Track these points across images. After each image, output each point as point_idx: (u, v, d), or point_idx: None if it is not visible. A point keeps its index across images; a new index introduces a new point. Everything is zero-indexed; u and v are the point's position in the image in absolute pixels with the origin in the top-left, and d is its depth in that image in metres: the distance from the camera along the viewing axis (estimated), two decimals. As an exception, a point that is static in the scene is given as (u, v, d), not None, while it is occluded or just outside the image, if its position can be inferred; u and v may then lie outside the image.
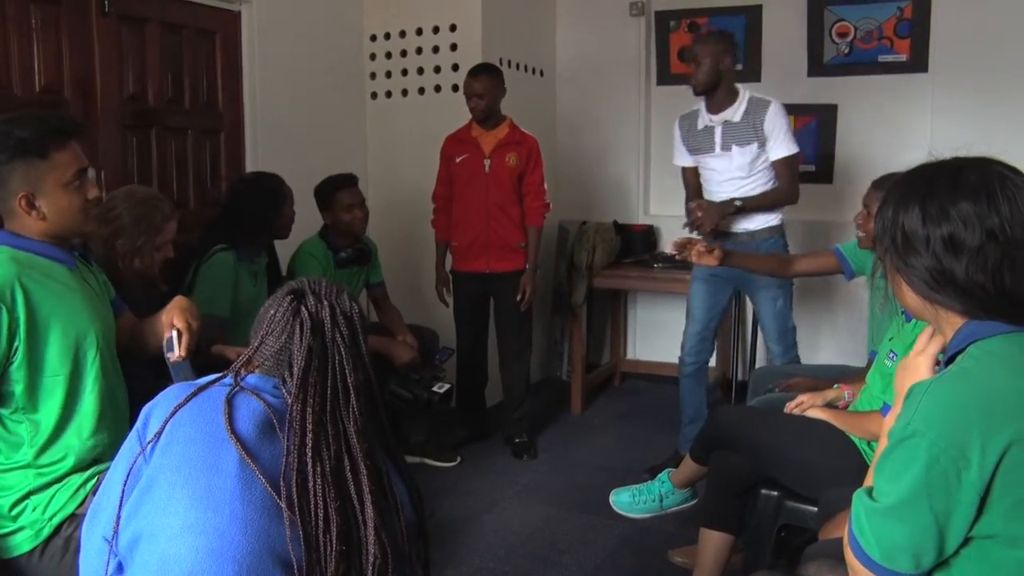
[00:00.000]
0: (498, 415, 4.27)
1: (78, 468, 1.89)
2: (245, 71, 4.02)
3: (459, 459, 3.95)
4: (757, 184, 3.49)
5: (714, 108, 3.49)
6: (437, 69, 4.59)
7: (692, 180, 3.76)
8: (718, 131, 3.47)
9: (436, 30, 4.58)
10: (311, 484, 1.23)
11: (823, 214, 4.68)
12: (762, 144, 3.41)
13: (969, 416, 1.13)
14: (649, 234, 5.05)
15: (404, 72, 4.71)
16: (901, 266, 1.28)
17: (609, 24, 5.04)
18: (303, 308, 1.32)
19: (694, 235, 3.45)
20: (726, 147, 3.45)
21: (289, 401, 1.28)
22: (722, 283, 3.59)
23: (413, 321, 4.05)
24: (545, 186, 3.98)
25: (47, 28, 3.13)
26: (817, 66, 4.78)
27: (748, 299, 4.87)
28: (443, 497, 3.56)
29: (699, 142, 3.55)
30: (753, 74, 4.91)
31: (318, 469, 1.24)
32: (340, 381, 1.30)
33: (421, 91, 4.64)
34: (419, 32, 4.63)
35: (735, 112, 3.43)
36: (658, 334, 5.27)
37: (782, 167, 3.45)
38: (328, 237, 3.67)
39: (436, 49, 4.60)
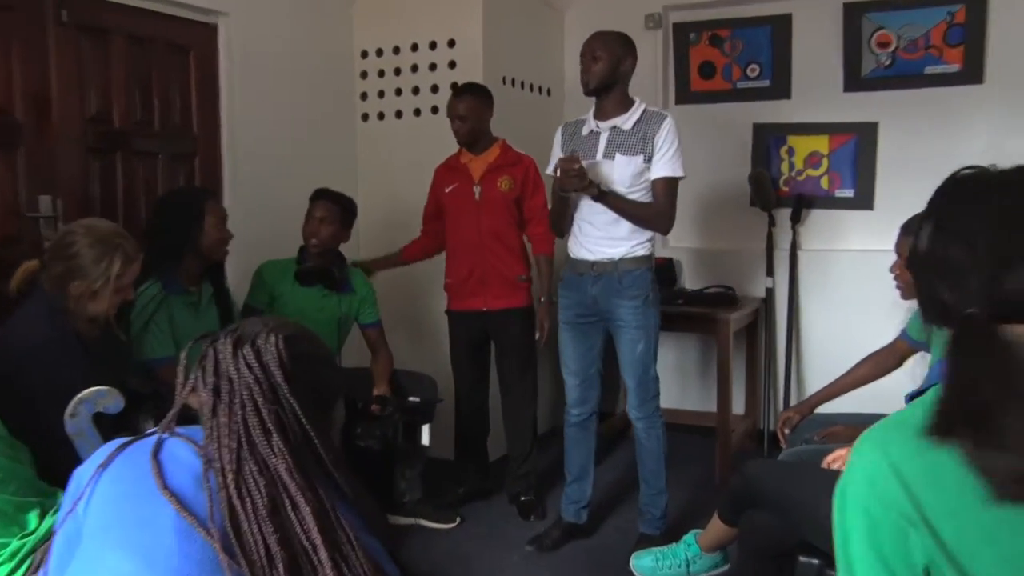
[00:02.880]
0: (502, 470, 4.19)
1: None
2: (223, 90, 4.01)
3: (459, 520, 3.89)
4: None
5: (603, 114, 3.40)
6: (435, 88, 4.57)
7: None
8: (603, 137, 3.37)
9: (433, 46, 4.58)
10: (245, 527, 1.26)
11: (864, 243, 4.63)
12: (648, 158, 3.31)
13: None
14: (669, 269, 4.97)
15: (398, 92, 4.72)
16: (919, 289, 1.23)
17: None
18: (210, 350, 1.39)
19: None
20: (609, 154, 3.34)
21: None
22: (589, 325, 3.50)
23: (410, 366, 4.00)
24: (547, 195, 3.88)
25: (-5, 38, 3.10)
26: (855, 80, 4.73)
27: (765, 337, 4.93)
28: (441, 563, 3.49)
29: (580, 147, 3.40)
30: (781, 91, 4.91)
31: (249, 509, 1.27)
32: (254, 417, 1.33)
33: (417, 112, 4.63)
34: (414, 48, 4.64)
35: (626, 120, 3.35)
36: (681, 379, 5.28)
37: (662, 187, 3.34)
38: (301, 252, 3.76)
39: (433, 67, 4.59)
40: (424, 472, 3.88)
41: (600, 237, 3.38)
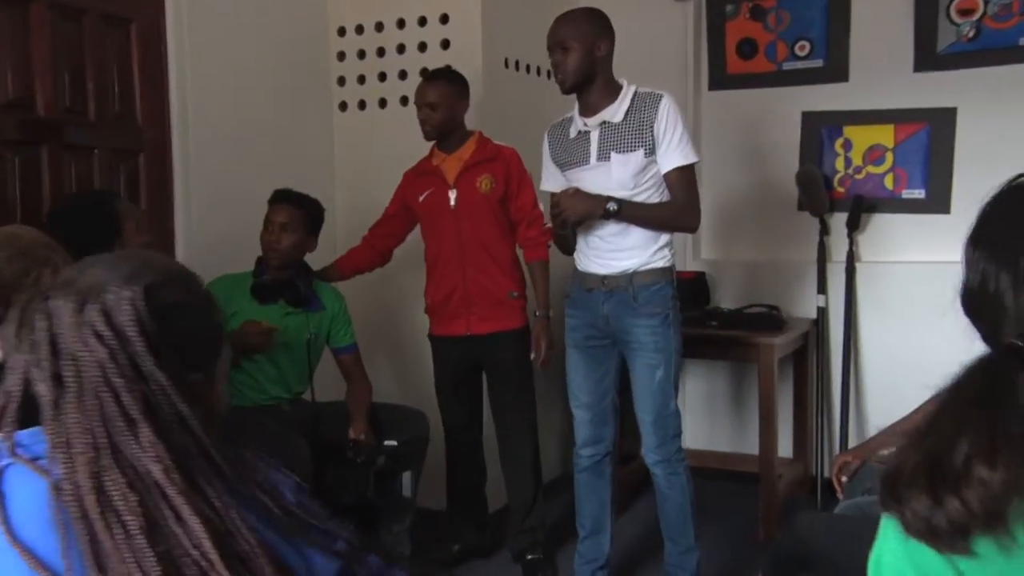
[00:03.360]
0: (503, 523, 4.17)
1: None
2: (172, 73, 3.97)
3: None
4: None
5: (589, 109, 3.38)
6: (425, 73, 4.48)
7: None
8: (594, 136, 3.34)
9: (423, 22, 4.60)
10: (116, 564, 1.12)
11: (939, 253, 4.57)
12: (651, 151, 3.27)
13: None
14: (701, 283, 5.03)
15: (382, 77, 4.73)
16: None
17: (646, 12, 5.07)
18: (41, 316, 1.21)
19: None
20: (603, 156, 3.31)
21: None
22: (601, 349, 3.49)
23: (394, 398, 4.02)
24: (541, 207, 3.87)
25: None
26: (928, 57, 4.69)
27: (817, 366, 4.84)
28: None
29: (570, 153, 3.42)
30: (837, 72, 4.94)
31: (120, 538, 1.13)
32: (112, 406, 1.18)
33: (404, 101, 4.61)
34: (401, 25, 4.66)
35: (616, 111, 3.31)
36: (714, 413, 5.31)
37: (676, 179, 3.31)
38: (259, 264, 3.76)
39: (423, 47, 4.61)
40: (413, 525, 3.84)
41: (611, 249, 3.37)
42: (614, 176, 3.30)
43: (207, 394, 1.32)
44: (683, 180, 3.31)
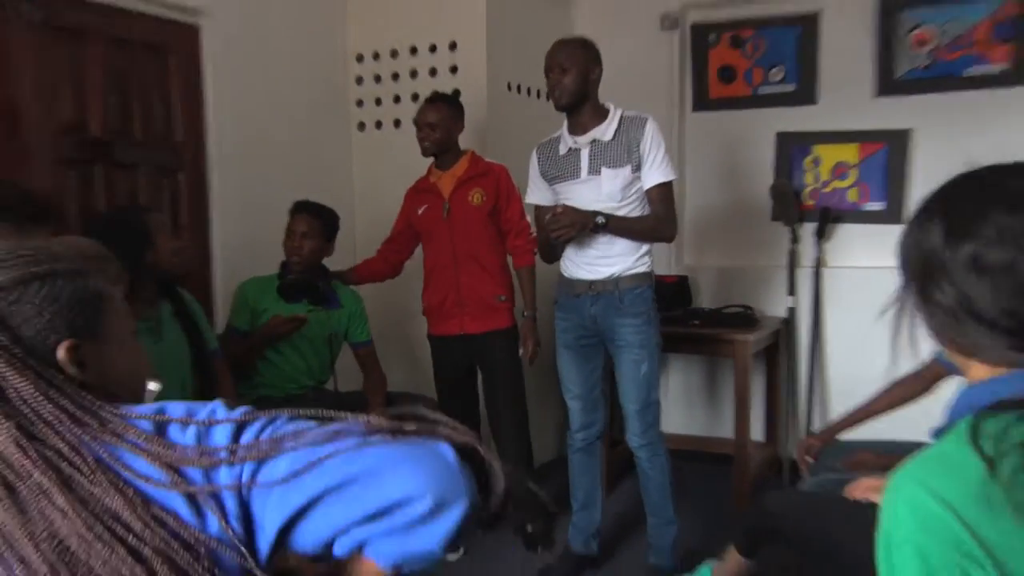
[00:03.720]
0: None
1: None
2: (208, 96, 4.02)
3: (462, 551, 3.89)
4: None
5: (579, 128, 3.42)
6: None
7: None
8: (585, 153, 3.39)
9: (433, 49, 4.62)
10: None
11: (894, 260, 4.54)
12: (636, 168, 3.33)
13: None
14: (683, 286, 5.03)
15: (396, 99, 4.75)
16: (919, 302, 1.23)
17: (636, 40, 5.07)
18: None
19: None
20: (594, 170, 3.36)
21: None
22: (590, 347, 3.55)
23: (405, 388, 4.01)
24: (528, 219, 3.92)
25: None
26: (888, 83, 4.71)
27: (786, 359, 4.93)
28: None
29: (561, 168, 3.46)
30: (807, 96, 4.92)
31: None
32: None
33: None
34: (413, 51, 4.68)
35: (605, 131, 3.36)
36: (695, 402, 5.33)
37: (657, 194, 3.37)
38: (283, 267, 3.80)
39: (434, 72, 4.63)
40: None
41: (598, 256, 3.41)
42: (604, 188, 3.35)
43: (98, 355, 1.22)
44: (663, 195, 3.37)
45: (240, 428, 1.15)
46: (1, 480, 1.05)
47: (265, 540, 1.12)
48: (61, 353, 1.16)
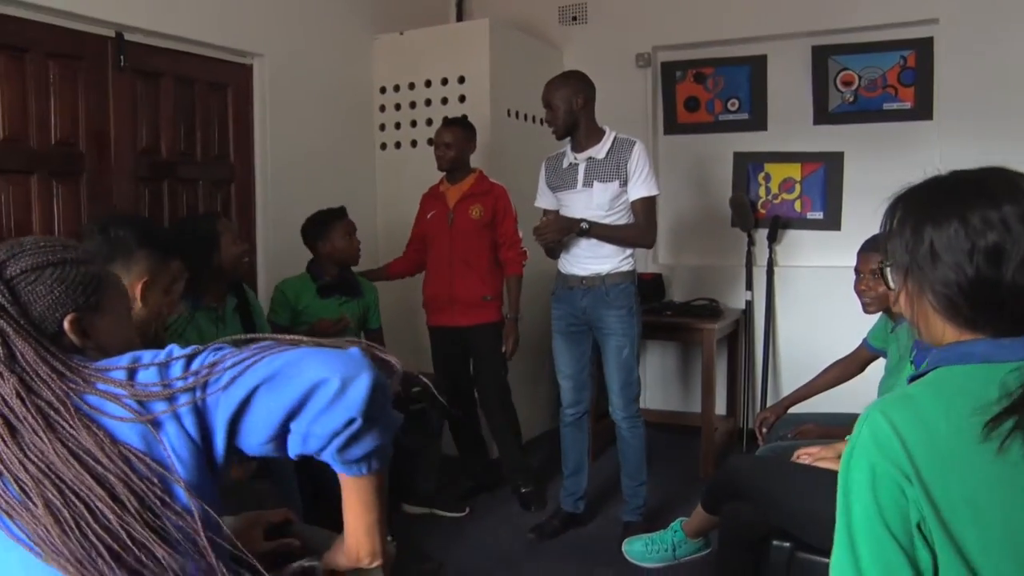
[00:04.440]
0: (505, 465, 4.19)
1: None
2: (256, 123, 4.09)
3: (468, 509, 3.93)
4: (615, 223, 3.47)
5: (578, 147, 3.48)
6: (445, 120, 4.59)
7: None
8: (582, 168, 3.45)
9: (445, 82, 4.64)
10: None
11: (832, 260, 4.68)
12: (624, 183, 3.39)
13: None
14: (658, 282, 5.06)
15: (413, 123, 4.78)
16: (926, 286, 1.22)
17: (616, 75, 5.05)
18: None
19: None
20: (588, 183, 3.42)
21: None
22: (580, 334, 3.58)
23: (407, 369, 3.96)
24: (520, 234, 3.95)
25: (64, 83, 3.20)
26: (823, 114, 4.79)
27: (745, 345, 4.97)
28: (452, 549, 3.53)
29: (562, 179, 3.52)
30: (759, 123, 4.96)
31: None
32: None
33: (430, 142, 4.53)
34: (428, 84, 4.70)
35: (600, 150, 3.42)
36: (667, 383, 5.32)
37: (641, 207, 3.42)
38: (313, 269, 3.74)
39: (445, 100, 4.65)
40: (439, 466, 3.93)
41: (588, 256, 3.46)
42: (595, 199, 3.40)
43: (97, 326, 1.30)
44: (645, 208, 3.41)
45: (190, 360, 1.22)
46: (4, 420, 1.13)
47: (220, 442, 1.18)
48: (67, 324, 1.26)
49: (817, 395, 3.21)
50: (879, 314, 2.92)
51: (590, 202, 3.42)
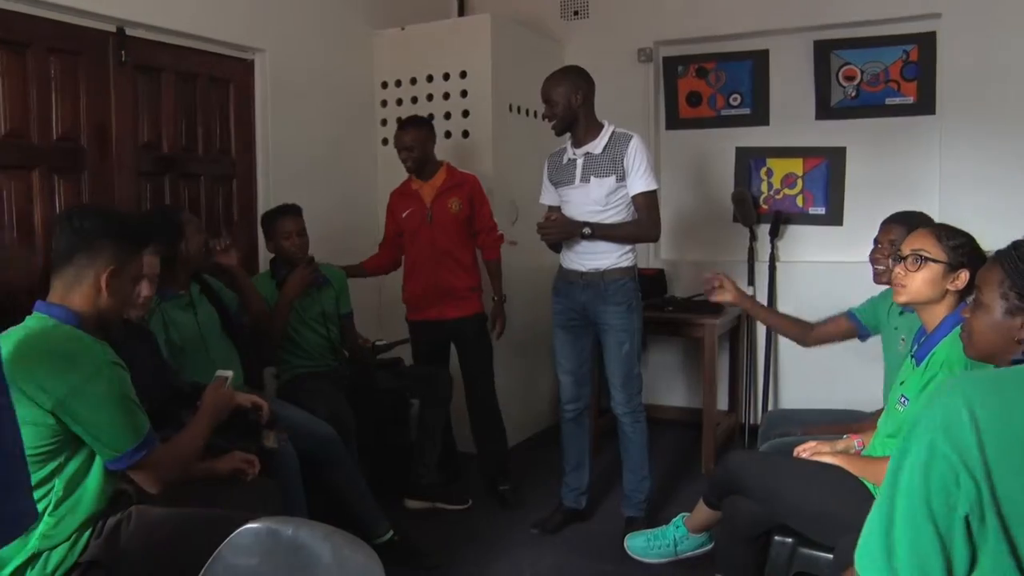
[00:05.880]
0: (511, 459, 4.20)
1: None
2: (258, 118, 4.10)
3: (470, 502, 3.93)
4: (611, 219, 3.44)
5: (577, 142, 3.47)
6: (447, 115, 4.62)
7: None
8: (579, 163, 3.44)
9: (447, 77, 4.64)
10: None
11: (834, 255, 4.69)
12: (621, 178, 3.37)
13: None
14: (660, 278, 5.05)
15: None
16: None
17: (618, 71, 5.06)
18: None
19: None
20: (585, 179, 3.41)
21: None
22: (580, 328, 3.56)
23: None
24: (495, 220, 4.01)
25: (66, 78, 3.21)
26: (825, 109, 4.80)
27: (746, 341, 4.96)
28: (454, 542, 3.54)
29: (562, 175, 3.51)
30: (761, 118, 4.97)
31: None
32: None
33: None
34: (429, 79, 4.70)
35: (597, 145, 3.41)
36: (670, 377, 5.32)
37: (642, 201, 3.40)
38: (273, 266, 3.73)
39: (447, 95, 4.64)
40: (441, 461, 3.94)
41: (588, 252, 3.45)
42: (591, 194, 3.38)
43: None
44: (646, 202, 3.38)
45: None
46: None
47: None
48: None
49: (774, 323, 3.41)
50: (880, 291, 2.91)
51: (587, 197, 3.42)
